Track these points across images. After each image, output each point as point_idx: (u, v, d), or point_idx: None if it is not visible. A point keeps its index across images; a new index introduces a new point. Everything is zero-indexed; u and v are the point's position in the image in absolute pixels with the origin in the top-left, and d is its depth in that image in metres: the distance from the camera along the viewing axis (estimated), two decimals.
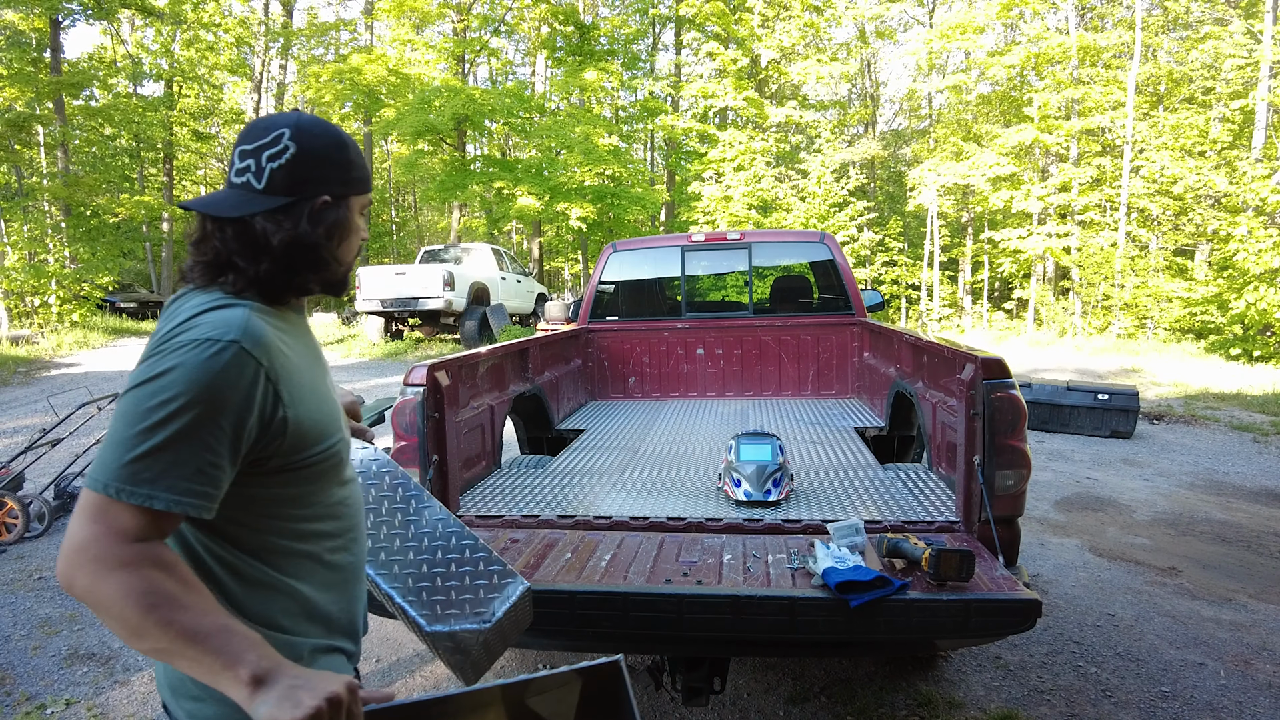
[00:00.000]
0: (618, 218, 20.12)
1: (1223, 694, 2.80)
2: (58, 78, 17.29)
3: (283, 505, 1.02)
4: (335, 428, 1.08)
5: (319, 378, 1.09)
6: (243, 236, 1.00)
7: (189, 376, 0.88)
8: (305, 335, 1.12)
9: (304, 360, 1.05)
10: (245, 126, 1.05)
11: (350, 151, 1.07)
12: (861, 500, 2.69)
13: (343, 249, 1.09)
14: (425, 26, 26.65)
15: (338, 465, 1.08)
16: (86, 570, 0.82)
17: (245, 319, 0.95)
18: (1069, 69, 18.87)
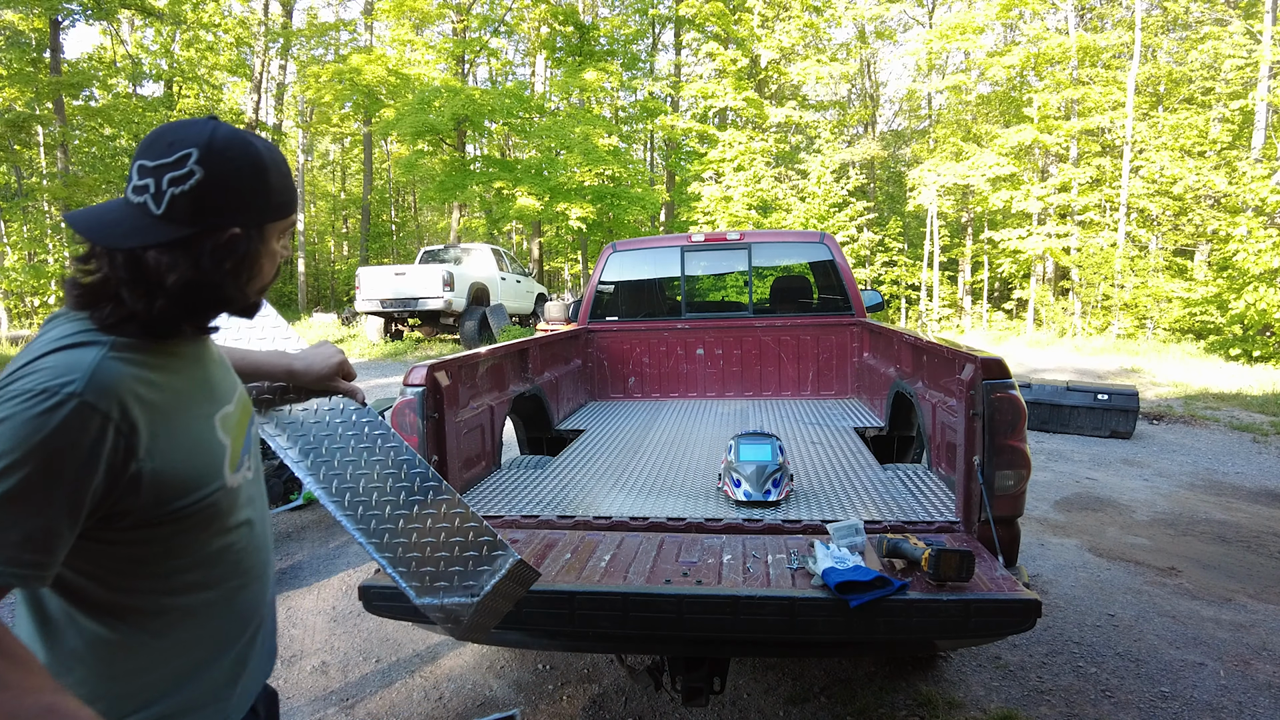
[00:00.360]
0: (617, 218, 20.13)
1: (1223, 694, 2.80)
2: (57, 78, 17.30)
3: (143, 562, 0.91)
4: (210, 477, 0.96)
5: (199, 419, 0.97)
6: (133, 268, 0.88)
7: (18, 433, 0.77)
8: (195, 368, 1.00)
9: (182, 401, 0.94)
10: (150, 134, 0.91)
11: (270, 175, 0.94)
12: (861, 500, 2.69)
13: (253, 282, 0.99)
14: (425, 27, 26.67)
15: (214, 517, 0.97)
16: None
17: (94, 364, 0.84)
18: (1068, 69, 18.89)
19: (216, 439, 0.99)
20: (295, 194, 1.01)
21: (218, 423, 1.01)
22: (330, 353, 1.41)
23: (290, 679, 3.00)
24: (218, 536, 0.99)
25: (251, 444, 1.11)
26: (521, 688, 2.89)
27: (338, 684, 2.96)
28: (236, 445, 1.04)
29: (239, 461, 1.04)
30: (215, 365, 1.07)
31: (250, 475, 1.09)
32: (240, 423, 1.07)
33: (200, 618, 0.98)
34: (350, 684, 2.96)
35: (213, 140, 0.89)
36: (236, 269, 0.94)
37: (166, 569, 0.94)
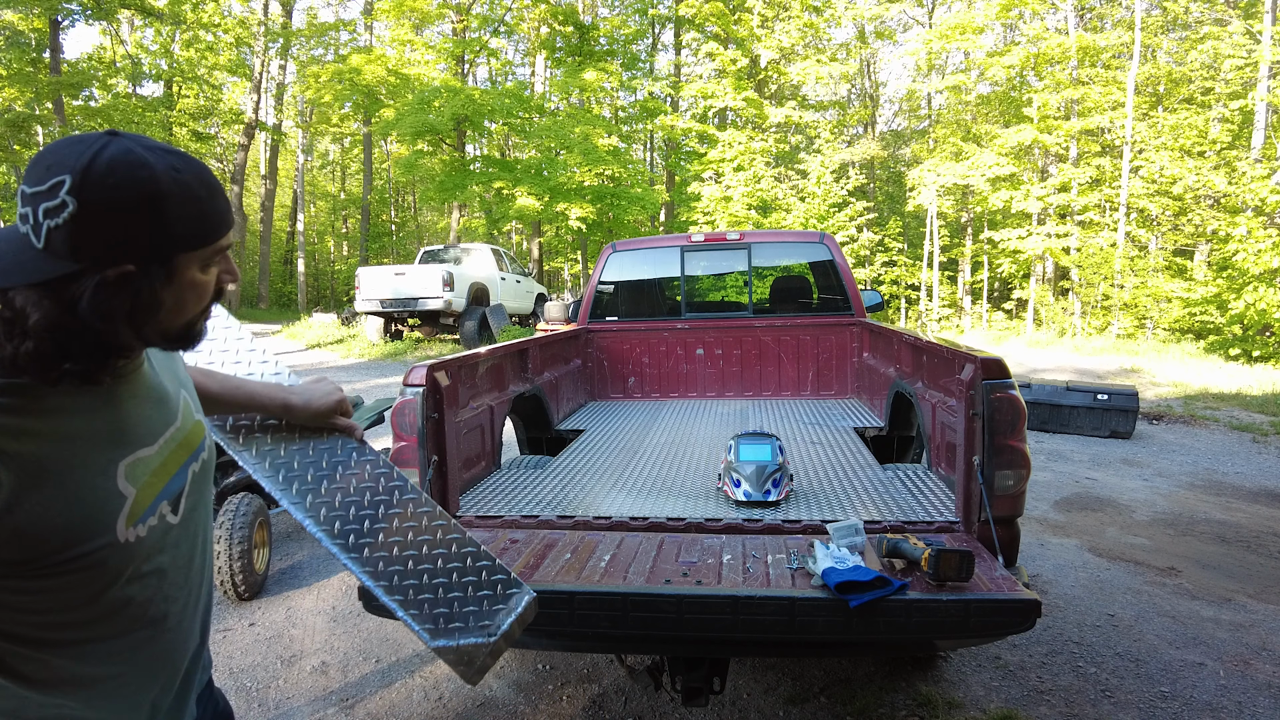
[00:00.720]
0: (617, 218, 20.14)
1: (1222, 694, 2.81)
2: (57, 78, 17.30)
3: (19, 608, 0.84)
4: (94, 531, 0.85)
5: (91, 470, 0.86)
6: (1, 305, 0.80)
7: None
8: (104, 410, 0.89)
9: (68, 451, 0.84)
10: (36, 154, 0.82)
11: (168, 204, 0.81)
12: (861, 500, 2.69)
13: (165, 319, 0.87)
14: (425, 27, 26.68)
15: (101, 573, 0.87)
16: None
17: None
18: (1068, 69, 18.90)
19: (112, 489, 0.88)
20: (218, 217, 0.87)
21: (121, 470, 0.89)
22: (329, 389, 1.37)
23: (290, 679, 3.00)
24: (110, 589, 0.88)
25: (181, 487, 1.00)
26: (521, 688, 2.89)
27: (338, 684, 2.96)
28: (147, 494, 0.92)
29: (144, 513, 0.92)
30: (138, 404, 0.94)
31: (171, 521, 0.97)
32: (164, 465, 0.96)
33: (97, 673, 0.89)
34: (350, 684, 2.96)
35: (91, 166, 0.77)
36: (132, 310, 0.82)
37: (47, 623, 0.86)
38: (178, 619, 1.00)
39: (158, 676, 0.98)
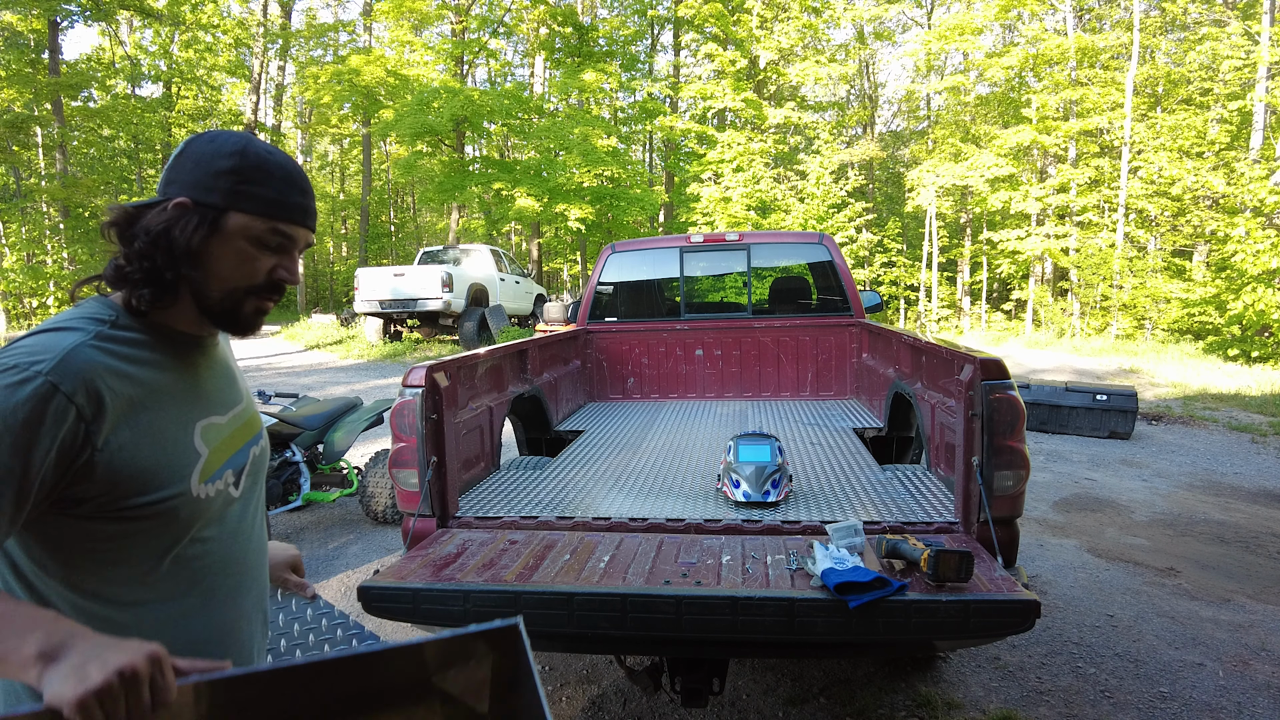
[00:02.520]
0: (616, 219, 20.14)
1: (1221, 694, 2.81)
2: (56, 79, 17.29)
3: (97, 555, 0.91)
4: (170, 479, 0.94)
5: (175, 422, 0.97)
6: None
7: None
8: (186, 372, 1.00)
9: (158, 400, 0.95)
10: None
11: (246, 163, 0.95)
12: (860, 501, 2.69)
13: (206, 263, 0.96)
14: (424, 28, 26.68)
15: (172, 523, 0.95)
16: None
17: (69, 347, 0.86)
18: (1067, 70, 18.91)
19: (189, 444, 0.98)
20: (284, 202, 0.98)
21: (197, 429, 1.00)
22: (285, 547, 1.39)
23: None
24: (175, 546, 0.97)
25: (244, 463, 1.09)
26: None
27: None
28: (217, 457, 1.02)
29: (214, 474, 1.01)
30: (213, 376, 1.06)
31: (233, 494, 1.06)
32: (232, 437, 1.07)
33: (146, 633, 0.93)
34: None
35: (218, 130, 0.97)
36: (173, 243, 0.93)
37: (116, 571, 0.93)
38: (228, 594, 1.06)
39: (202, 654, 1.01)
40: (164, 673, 0.74)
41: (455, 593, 2.01)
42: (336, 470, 4.85)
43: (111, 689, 0.70)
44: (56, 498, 0.86)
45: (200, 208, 0.94)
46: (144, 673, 0.72)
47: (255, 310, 1.02)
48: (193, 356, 1.02)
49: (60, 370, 0.84)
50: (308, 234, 1.04)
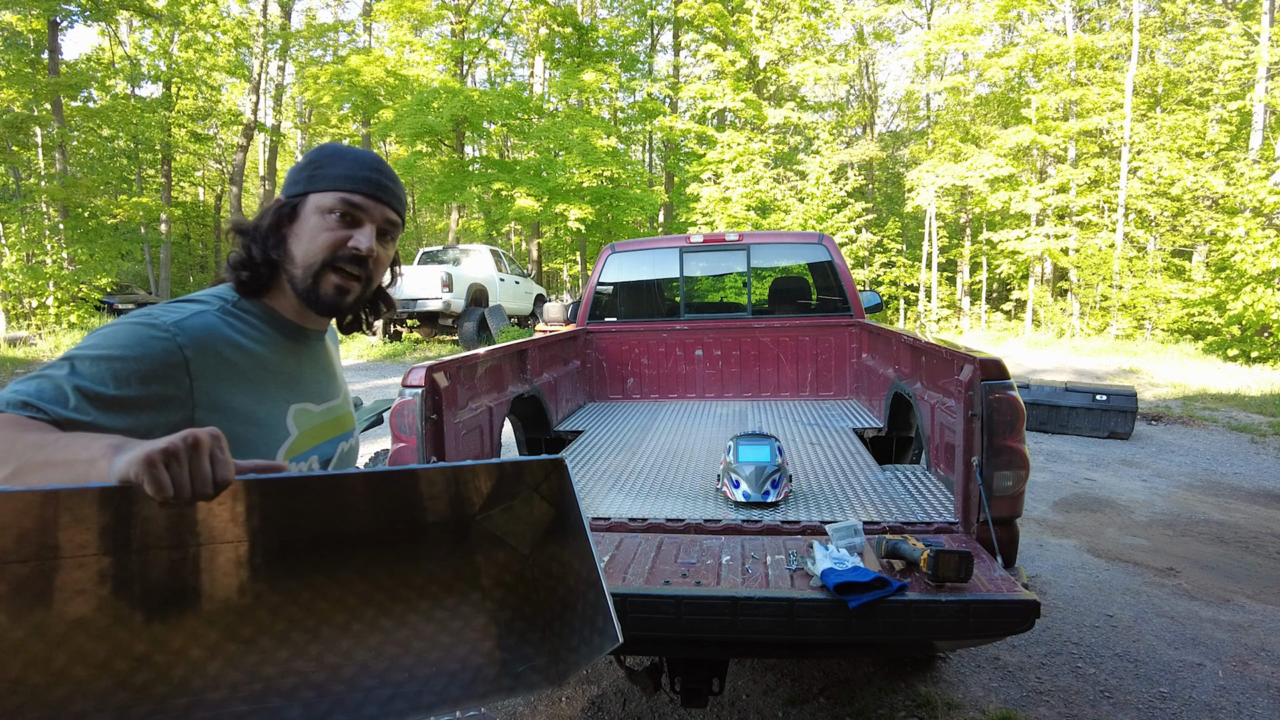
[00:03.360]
0: (616, 219, 20.13)
1: (1221, 695, 2.81)
2: (55, 79, 17.27)
3: None
4: (260, 450, 1.03)
5: (272, 399, 1.06)
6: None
7: (114, 337, 0.93)
8: (289, 360, 1.11)
9: (261, 376, 1.05)
10: None
11: (323, 154, 1.10)
12: (860, 501, 2.69)
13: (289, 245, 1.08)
14: (424, 28, 26.65)
15: None
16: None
17: (195, 313, 1.00)
18: (1067, 70, 18.91)
19: (281, 422, 1.07)
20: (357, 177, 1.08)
21: (290, 411, 1.10)
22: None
23: None
24: None
25: (331, 455, 1.18)
26: None
27: None
28: (305, 440, 1.11)
29: (300, 455, 1.10)
30: (314, 368, 1.17)
31: None
32: (322, 427, 1.16)
33: None
34: None
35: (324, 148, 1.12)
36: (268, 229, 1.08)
37: None
38: None
39: None
40: (223, 449, 0.74)
41: None
42: None
43: (176, 450, 0.70)
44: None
45: (288, 199, 1.08)
46: (206, 443, 0.72)
47: (336, 288, 1.08)
48: (297, 345, 1.13)
49: (183, 326, 0.97)
50: (382, 209, 1.10)
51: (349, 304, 1.11)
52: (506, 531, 0.95)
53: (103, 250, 16.96)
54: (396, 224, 1.13)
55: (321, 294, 1.08)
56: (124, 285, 19.84)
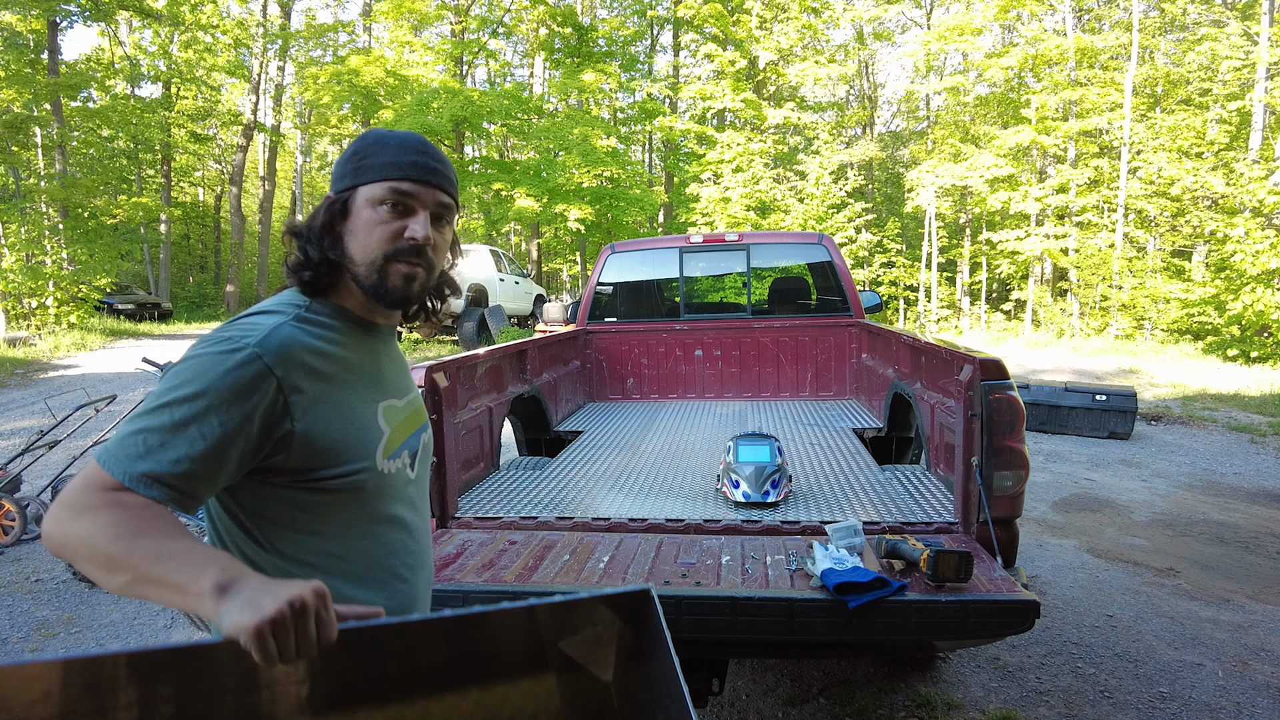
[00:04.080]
0: (616, 219, 20.13)
1: (1221, 695, 2.81)
2: (55, 79, 17.27)
3: (296, 525, 1.00)
4: (359, 454, 1.02)
5: (361, 400, 1.05)
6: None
7: (200, 370, 0.90)
8: (368, 358, 1.09)
9: (348, 379, 1.04)
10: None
11: (366, 143, 1.06)
12: (860, 501, 2.69)
13: (345, 243, 1.05)
14: (423, 28, 26.65)
15: (359, 494, 1.03)
16: (62, 518, 0.84)
17: (274, 327, 0.96)
18: (1066, 70, 18.91)
19: (374, 421, 1.06)
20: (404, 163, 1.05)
21: (380, 409, 1.08)
22: None
23: None
24: (365, 523, 1.04)
25: (416, 448, 1.17)
26: None
27: None
28: (397, 436, 1.10)
29: (395, 450, 1.09)
30: (391, 363, 1.16)
31: (410, 475, 1.14)
32: (406, 421, 1.15)
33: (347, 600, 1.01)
34: None
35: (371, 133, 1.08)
36: (323, 226, 1.05)
37: (313, 542, 1.00)
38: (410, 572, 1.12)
39: None
40: (328, 609, 0.77)
41: (455, 593, 2.01)
42: None
43: (284, 619, 0.73)
44: (258, 466, 0.95)
45: (337, 195, 1.06)
46: (311, 606, 0.75)
47: (404, 277, 1.05)
48: (373, 342, 1.11)
49: (268, 345, 0.94)
50: (433, 193, 1.07)
51: (416, 293, 1.09)
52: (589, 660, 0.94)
53: (102, 250, 16.96)
54: (450, 206, 1.11)
55: (390, 286, 1.05)
56: (124, 285, 19.85)
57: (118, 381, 9.87)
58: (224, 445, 0.90)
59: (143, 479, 0.85)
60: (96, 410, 5.04)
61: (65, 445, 5.89)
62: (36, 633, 3.44)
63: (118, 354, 12.80)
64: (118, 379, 10.14)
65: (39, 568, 4.20)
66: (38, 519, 4.64)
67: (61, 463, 5.53)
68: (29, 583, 4.00)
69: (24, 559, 4.33)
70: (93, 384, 9.70)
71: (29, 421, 7.90)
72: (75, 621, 3.55)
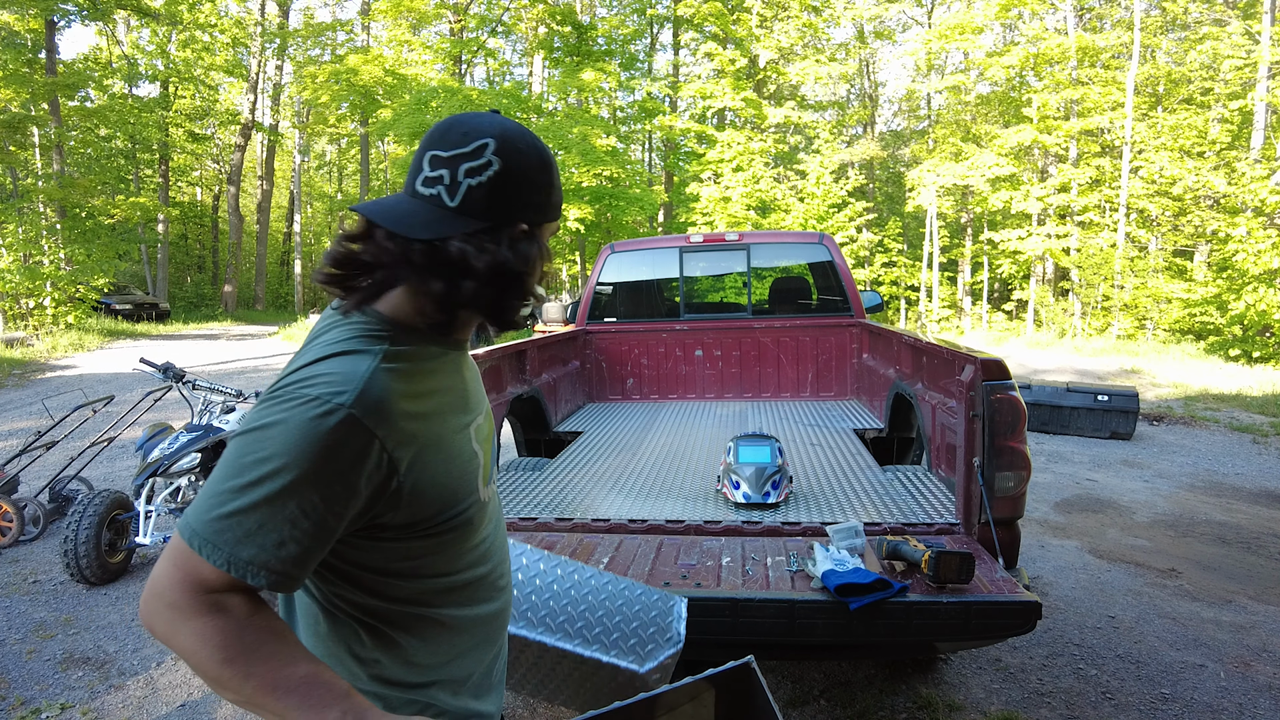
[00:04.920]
0: (616, 219, 20.12)
1: (1223, 696, 2.79)
2: (53, 79, 17.25)
3: (406, 572, 0.93)
4: (466, 491, 0.95)
5: (457, 431, 0.96)
6: (433, 258, 0.85)
7: (290, 439, 0.78)
8: (454, 377, 0.99)
9: (443, 414, 0.94)
10: (439, 125, 0.89)
11: (553, 172, 0.92)
12: (861, 502, 2.67)
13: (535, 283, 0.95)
14: (422, 27, 26.65)
15: (467, 529, 0.96)
16: (163, 617, 0.78)
17: (367, 376, 0.83)
18: (1068, 69, 18.90)
19: (470, 449, 0.97)
20: (559, 199, 0.95)
21: (472, 433, 0.99)
22: None
23: None
24: (469, 551, 0.98)
25: (492, 458, 1.09)
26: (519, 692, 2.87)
27: None
28: (486, 457, 1.03)
29: (489, 474, 1.03)
30: (471, 376, 1.06)
31: (494, 492, 1.07)
32: (488, 436, 1.07)
33: (449, 625, 0.98)
34: None
35: (505, 129, 0.87)
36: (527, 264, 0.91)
37: (417, 582, 0.93)
38: (504, 586, 1.08)
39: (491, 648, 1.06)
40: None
41: None
42: None
43: None
44: (362, 526, 0.86)
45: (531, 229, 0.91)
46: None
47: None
48: (458, 361, 1.01)
49: (362, 403, 0.81)
50: None
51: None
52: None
53: (100, 250, 16.95)
54: None
55: (520, 318, 0.97)
56: (121, 286, 19.84)
57: (115, 382, 9.86)
58: (329, 521, 0.81)
59: (247, 567, 0.78)
60: (94, 411, 5.03)
61: (63, 446, 5.88)
62: (34, 634, 3.42)
63: (115, 354, 12.79)
64: (115, 379, 10.13)
65: (36, 569, 4.18)
66: (35, 520, 4.63)
67: (59, 464, 5.51)
68: (26, 584, 3.99)
69: (21, 560, 4.32)
70: (90, 385, 9.69)
71: (26, 422, 7.89)
72: (73, 623, 3.53)
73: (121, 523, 4.01)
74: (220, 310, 23.66)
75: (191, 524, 0.79)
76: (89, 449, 4.93)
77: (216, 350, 13.71)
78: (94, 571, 3.81)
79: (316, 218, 35.73)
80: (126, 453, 6.34)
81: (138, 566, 4.18)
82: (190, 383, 4.38)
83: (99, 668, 3.13)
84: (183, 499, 4.00)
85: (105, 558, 3.87)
